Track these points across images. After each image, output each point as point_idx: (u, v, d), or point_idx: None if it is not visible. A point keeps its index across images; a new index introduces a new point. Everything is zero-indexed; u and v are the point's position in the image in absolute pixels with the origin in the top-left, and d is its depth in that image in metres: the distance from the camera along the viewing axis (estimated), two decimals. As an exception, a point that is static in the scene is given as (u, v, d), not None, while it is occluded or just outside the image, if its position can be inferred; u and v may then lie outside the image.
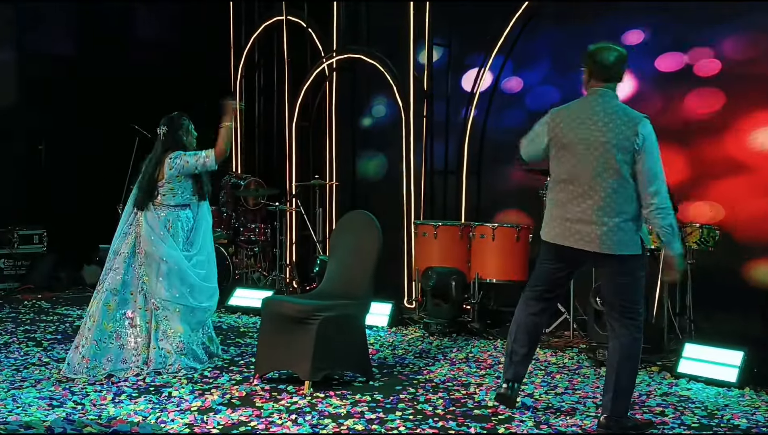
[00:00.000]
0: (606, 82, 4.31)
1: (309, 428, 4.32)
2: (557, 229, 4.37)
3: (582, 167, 4.25)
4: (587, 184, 4.24)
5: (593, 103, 4.31)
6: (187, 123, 5.92)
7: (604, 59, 4.30)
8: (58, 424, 2.63)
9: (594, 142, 4.23)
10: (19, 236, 9.24)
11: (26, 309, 7.97)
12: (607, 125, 4.22)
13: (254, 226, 9.04)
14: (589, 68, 4.35)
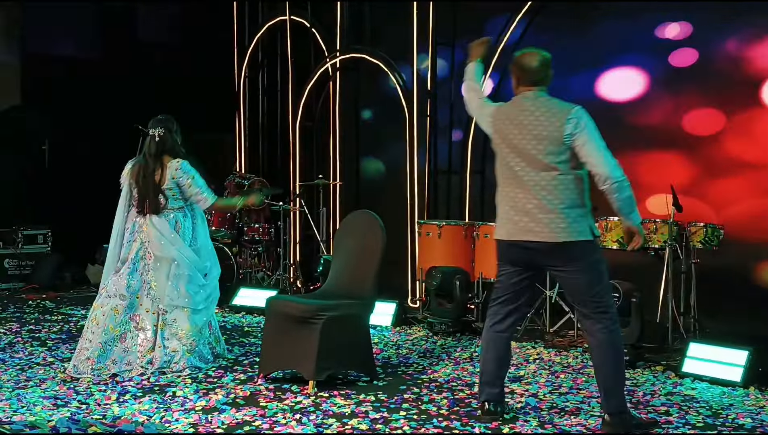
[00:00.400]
0: (533, 85, 4.40)
1: (313, 428, 4.32)
2: (507, 226, 4.39)
3: (521, 163, 4.32)
4: (527, 178, 4.29)
5: (523, 102, 4.39)
6: (178, 126, 5.85)
7: (528, 64, 4.39)
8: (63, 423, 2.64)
9: (527, 137, 4.30)
10: (23, 236, 9.26)
11: (31, 309, 7.98)
12: (538, 119, 4.30)
13: (258, 226, 9.04)
14: (516, 74, 4.45)
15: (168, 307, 5.53)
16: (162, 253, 5.56)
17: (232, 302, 8.07)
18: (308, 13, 9.71)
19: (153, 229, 5.60)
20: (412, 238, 8.22)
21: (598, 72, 7.52)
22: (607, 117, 6.10)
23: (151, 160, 5.67)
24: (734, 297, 6.40)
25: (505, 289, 4.47)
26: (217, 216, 8.71)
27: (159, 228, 5.60)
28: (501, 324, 4.47)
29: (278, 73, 10.27)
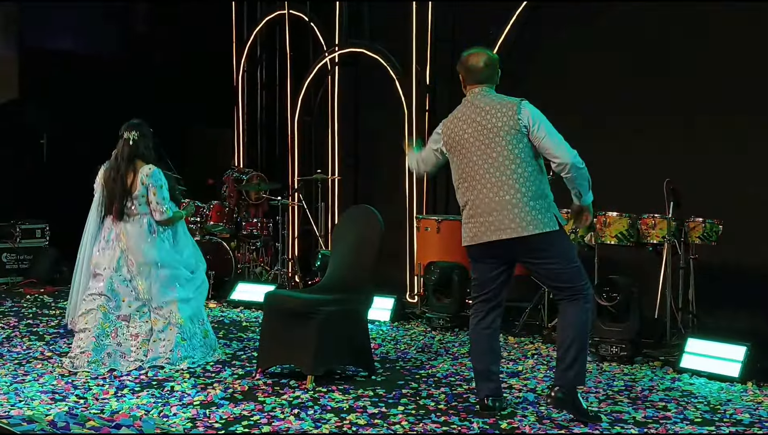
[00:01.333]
0: (479, 84, 4.47)
1: (311, 423, 4.32)
2: (473, 229, 4.40)
3: (478, 161, 4.37)
4: (488, 175, 4.33)
5: (472, 100, 4.46)
6: (151, 131, 5.75)
7: (473, 64, 4.47)
8: (61, 418, 2.64)
9: (482, 133, 4.36)
10: (21, 230, 9.25)
11: (29, 303, 7.98)
12: (489, 112, 4.36)
13: (256, 221, 9.03)
14: (462, 74, 4.52)
15: (160, 305, 5.53)
16: (145, 259, 5.52)
17: (230, 297, 8.07)
18: (307, 7, 9.69)
19: (130, 238, 5.53)
20: (410, 233, 8.21)
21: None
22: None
23: (123, 164, 5.57)
24: (733, 293, 6.40)
25: (483, 287, 4.49)
26: (215, 210, 8.70)
27: (136, 235, 5.53)
28: (484, 321, 4.50)
29: (277, 67, 10.26)
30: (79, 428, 2.55)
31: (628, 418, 4.47)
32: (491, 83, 4.50)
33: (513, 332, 6.70)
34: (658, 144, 6.98)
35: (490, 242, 4.34)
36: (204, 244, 8.44)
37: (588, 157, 6.95)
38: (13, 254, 9.20)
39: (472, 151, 4.40)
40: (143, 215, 5.59)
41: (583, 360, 4.35)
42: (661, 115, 7.03)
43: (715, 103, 6.64)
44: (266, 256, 9.26)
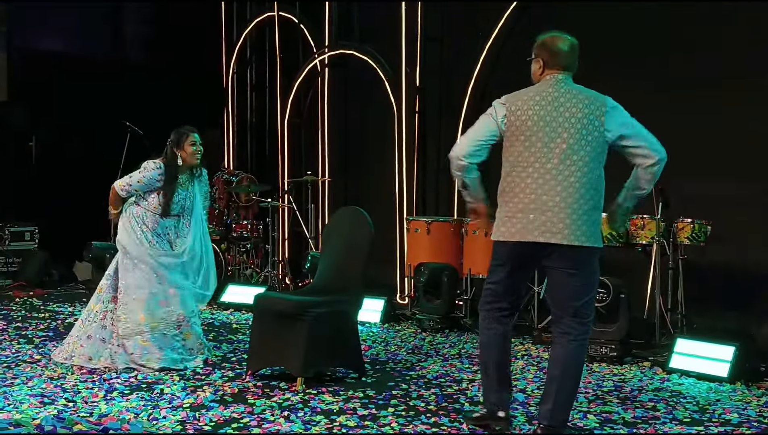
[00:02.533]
0: (563, 70, 4.08)
1: (301, 425, 4.31)
2: (517, 225, 3.97)
3: (547, 152, 3.96)
4: (554, 171, 3.93)
5: (556, 86, 4.04)
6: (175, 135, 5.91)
7: (560, 47, 4.09)
8: (48, 422, 2.63)
9: (558, 122, 3.97)
10: (10, 233, 9.22)
11: (18, 306, 7.94)
12: (576, 105, 3.97)
13: (246, 223, 9.03)
14: (543, 58, 4.10)
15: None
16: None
17: (220, 299, 8.05)
18: (296, 9, 9.69)
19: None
20: (400, 235, 8.22)
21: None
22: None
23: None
24: (721, 293, 6.43)
25: (508, 291, 4.13)
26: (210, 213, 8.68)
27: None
28: (509, 326, 4.20)
29: (266, 69, 10.25)
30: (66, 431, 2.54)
31: (617, 419, 4.48)
32: (572, 71, 4.11)
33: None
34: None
35: (532, 244, 3.96)
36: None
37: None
38: (2, 257, 9.17)
39: (540, 139, 3.96)
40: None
41: (573, 400, 4.12)
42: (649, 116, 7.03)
43: (704, 105, 6.67)
44: (256, 258, 9.25)
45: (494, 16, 7.90)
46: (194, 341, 5.68)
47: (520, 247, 4.00)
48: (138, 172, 5.70)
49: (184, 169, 5.79)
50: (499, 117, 4.05)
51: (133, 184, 5.69)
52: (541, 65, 4.13)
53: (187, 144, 5.77)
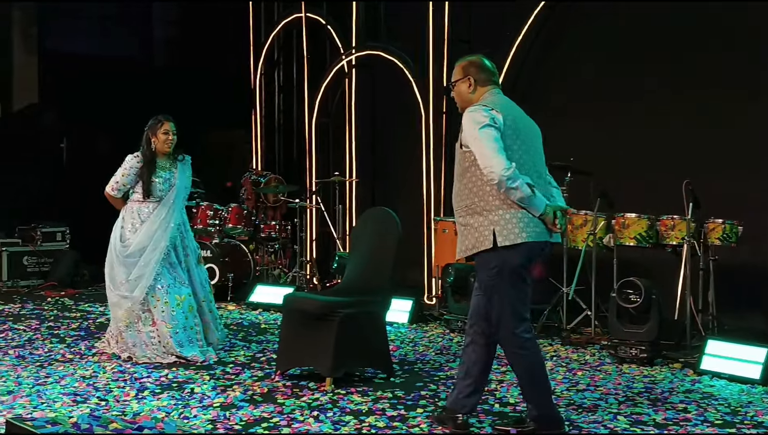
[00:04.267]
0: (496, 85, 4.25)
1: (331, 425, 4.33)
2: (540, 225, 4.01)
3: (535, 155, 4.15)
4: (536, 173, 4.11)
5: (504, 97, 4.23)
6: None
7: (486, 65, 4.25)
8: (84, 420, 2.67)
9: (533, 130, 4.21)
10: (42, 234, 9.33)
11: (49, 306, 8.04)
12: (530, 119, 4.26)
13: (275, 223, 9.07)
14: (473, 76, 4.20)
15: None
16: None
17: (249, 299, 8.10)
18: (324, 10, 9.72)
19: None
20: (428, 235, 8.22)
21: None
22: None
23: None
24: (753, 294, 6.36)
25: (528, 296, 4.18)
26: (234, 213, 8.74)
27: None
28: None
29: (294, 70, 10.29)
30: (102, 430, 2.57)
31: (648, 420, 4.45)
32: (499, 86, 4.29)
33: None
34: (678, 145, 6.95)
35: (549, 243, 4.09)
36: (223, 247, 8.50)
37: (606, 158, 6.97)
38: (34, 257, 9.28)
39: (528, 143, 4.11)
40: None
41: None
42: (681, 115, 7.00)
43: (737, 104, 6.61)
44: (284, 259, 9.29)
45: (522, 15, 7.88)
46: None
47: (539, 248, 4.05)
48: (120, 168, 5.93)
49: (161, 156, 5.93)
50: (501, 121, 4.05)
51: (119, 179, 5.92)
52: (471, 83, 4.21)
53: (161, 132, 5.92)
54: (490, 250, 3.98)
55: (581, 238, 6.55)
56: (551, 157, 4.47)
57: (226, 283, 8.35)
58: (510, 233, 3.95)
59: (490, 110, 4.05)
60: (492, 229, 3.97)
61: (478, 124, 4.00)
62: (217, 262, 8.35)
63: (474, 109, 4.08)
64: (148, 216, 5.84)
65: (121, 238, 5.85)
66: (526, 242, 3.97)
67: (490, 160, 3.92)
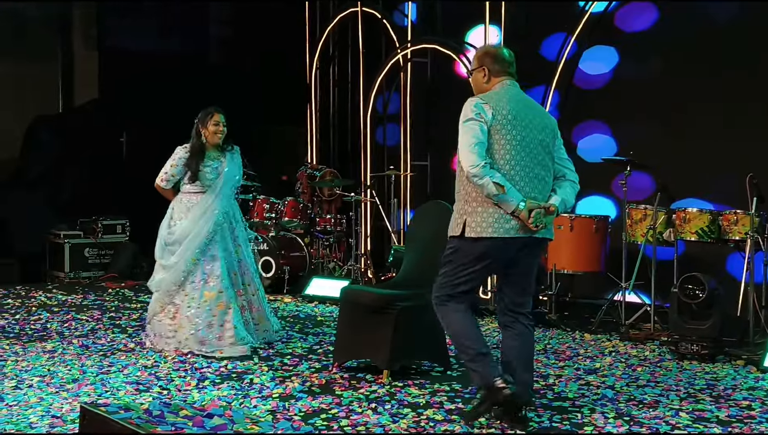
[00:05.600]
0: (511, 76, 4.29)
1: (389, 417, 4.34)
2: (506, 222, 4.08)
3: (536, 149, 4.17)
4: (538, 166, 4.17)
5: (519, 91, 4.27)
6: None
7: (504, 56, 4.30)
8: (156, 407, 2.73)
9: (539, 124, 4.21)
10: (102, 226, 9.52)
11: (110, 297, 8.21)
12: (542, 111, 4.35)
13: (330, 217, 9.13)
14: (488, 66, 4.27)
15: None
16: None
17: (305, 292, 8.17)
18: (379, 4, 9.73)
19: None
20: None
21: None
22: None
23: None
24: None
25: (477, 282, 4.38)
26: (290, 206, 8.81)
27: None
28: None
29: (349, 65, 10.32)
30: (173, 417, 2.63)
31: (710, 417, 4.38)
32: (516, 78, 4.32)
33: (589, 329, 6.63)
34: (742, 138, 6.82)
35: (524, 240, 4.13)
36: (279, 240, 8.58)
37: (669, 152, 6.87)
38: (95, 249, 9.47)
39: (528, 139, 4.16)
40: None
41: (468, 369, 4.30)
42: (744, 108, 6.87)
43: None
44: (339, 252, 9.34)
45: (578, 10, 7.80)
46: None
47: (507, 243, 4.13)
48: (169, 159, 5.99)
49: (210, 147, 5.95)
50: (489, 116, 4.12)
51: (168, 169, 6.00)
52: (485, 73, 4.28)
53: (211, 123, 5.95)
54: (457, 237, 4.18)
55: (640, 233, 6.47)
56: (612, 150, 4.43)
57: (282, 275, 8.44)
58: (477, 226, 4.10)
59: (482, 104, 4.14)
60: (464, 219, 4.15)
61: (464, 117, 4.15)
62: (273, 255, 8.44)
63: (468, 102, 4.19)
64: (197, 204, 5.90)
65: (169, 226, 5.94)
66: (489, 237, 4.09)
67: (463, 154, 4.09)
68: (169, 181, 6.01)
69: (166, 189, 6.06)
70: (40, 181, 9.92)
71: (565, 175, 4.30)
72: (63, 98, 10.38)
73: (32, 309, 7.38)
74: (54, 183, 9.90)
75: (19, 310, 7.29)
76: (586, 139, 7.96)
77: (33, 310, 7.30)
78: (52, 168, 9.99)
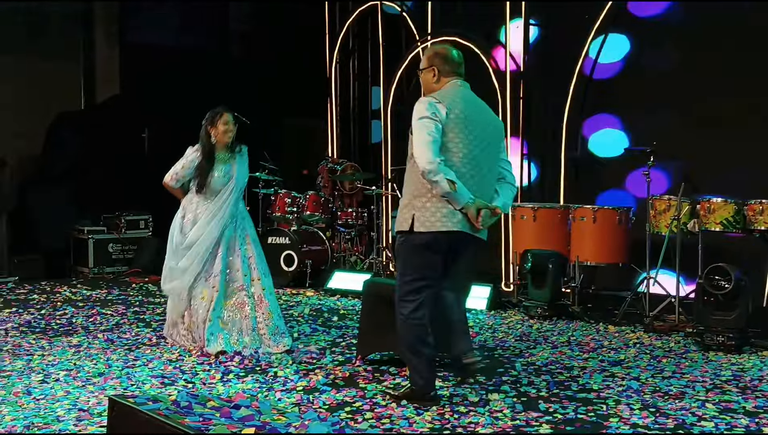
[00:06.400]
0: (460, 77, 4.41)
1: (413, 410, 4.34)
2: (452, 217, 4.24)
3: (486, 148, 4.33)
4: (485, 166, 4.32)
5: (470, 91, 4.39)
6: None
7: (453, 57, 4.41)
8: (184, 398, 2.75)
9: (488, 125, 4.37)
10: (126, 222, 9.58)
11: (134, 291, 8.26)
12: (491, 113, 4.48)
13: (351, 210, 9.13)
14: (438, 66, 4.39)
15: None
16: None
17: (327, 286, 8.18)
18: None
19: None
20: (506, 222, 8.16)
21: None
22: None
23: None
24: None
25: (432, 277, 4.43)
26: (311, 200, 8.83)
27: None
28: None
29: (369, 58, 10.31)
30: (201, 408, 2.65)
31: (737, 408, 4.35)
32: (464, 77, 4.45)
33: (613, 321, 6.60)
34: (762, 128, 6.75)
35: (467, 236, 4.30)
36: (300, 234, 8.60)
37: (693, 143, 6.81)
38: (119, 244, 9.53)
39: (480, 138, 4.31)
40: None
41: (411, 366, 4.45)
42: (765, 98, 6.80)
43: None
44: (360, 245, 9.35)
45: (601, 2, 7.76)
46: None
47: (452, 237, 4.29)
48: (181, 158, 5.93)
49: (220, 148, 5.85)
50: (443, 115, 4.22)
51: (178, 170, 5.93)
52: (435, 73, 4.40)
53: (220, 123, 5.86)
54: (407, 232, 4.31)
55: (664, 224, 6.42)
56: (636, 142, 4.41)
57: (304, 269, 8.46)
58: (426, 221, 4.25)
59: (436, 103, 4.24)
60: (413, 214, 4.28)
61: (418, 115, 4.22)
62: (295, 249, 8.46)
63: (421, 101, 4.28)
64: (206, 208, 5.81)
65: (181, 229, 5.85)
66: (438, 231, 4.24)
67: (418, 151, 4.18)
68: (178, 181, 5.95)
69: (175, 188, 5.99)
70: (64, 178, 9.99)
71: (504, 178, 4.46)
72: (85, 95, 10.45)
73: (57, 304, 7.44)
74: (77, 179, 9.97)
75: (45, 305, 7.36)
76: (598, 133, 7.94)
77: (58, 305, 7.36)
78: (76, 164, 10.06)
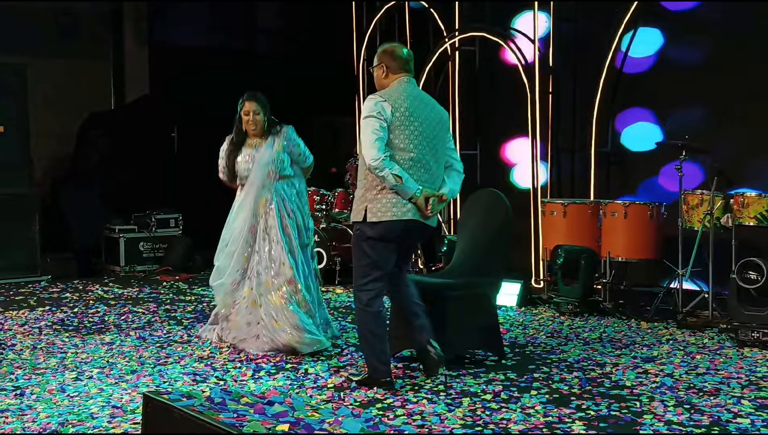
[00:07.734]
0: (408, 73, 4.66)
1: (444, 406, 4.33)
2: (402, 206, 4.50)
3: (433, 140, 4.60)
4: (431, 158, 4.58)
5: (415, 87, 4.67)
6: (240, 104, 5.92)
7: (402, 54, 4.66)
8: (217, 394, 2.77)
9: (433, 119, 4.62)
10: (156, 220, 9.64)
11: (165, 289, 8.31)
12: (436, 105, 4.72)
13: (380, 208, 9.10)
14: (386, 63, 4.65)
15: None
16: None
17: (356, 283, 8.17)
18: (426, -5, 9.68)
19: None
20: (535, 217, 8.12)
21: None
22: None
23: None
24: None
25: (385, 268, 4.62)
26: (340, 198, 8.83)
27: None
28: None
29: (396, 55, 10.28)
30: (235, 404, 2.66)
31: (774, 405, 4.30)
32: (412, 74, 4.68)
33: (645, 317, 6.53)
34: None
35: (417, 224, 4.55)
36: (330, 231, 8.61)
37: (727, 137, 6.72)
38: (149, 243, 9.60)
39: (427, 132, 4.57)
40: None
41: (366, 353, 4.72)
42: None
43: None
44: (389, 243, 9.31)
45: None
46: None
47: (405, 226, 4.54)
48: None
49: (254, 134, 5.75)
50: (388, 114, 4.48)
51: (220, 162, 5.91)
52: (384, 70, 4.67)
53: (243, 112, 5.77)
54: (360, 222, 4.58)
55: (697, 219, 6.35)
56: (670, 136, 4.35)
57: (334, 266, 8.46)
58: (378, 211, 4.51)
59: (382, 102, 4.51)
60: (365, 206, 4.54)
61: (365, 114, 4.49)
62: (324, 246, 8.47)
63: (369, 99, 4.55)
64: (241, 201, 5.76)
65: (227, 224, 5.85)
66: (389, 220, 4.51)
67: (365, 149, 4.47)
68: (224, 173, 5.88)
69: (229, 182, 5.87)
70: (95, 177, 10.09)
71: (452, 166, 4.74)
72: (115, 95, 10.54)
73: (90, 302, 7.51)
74: (108, 179, 10.06)
75: (78, 304, 7.43)
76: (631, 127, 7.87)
77: (91, 304, 7.43)
78: (106, 164, 10.15)
